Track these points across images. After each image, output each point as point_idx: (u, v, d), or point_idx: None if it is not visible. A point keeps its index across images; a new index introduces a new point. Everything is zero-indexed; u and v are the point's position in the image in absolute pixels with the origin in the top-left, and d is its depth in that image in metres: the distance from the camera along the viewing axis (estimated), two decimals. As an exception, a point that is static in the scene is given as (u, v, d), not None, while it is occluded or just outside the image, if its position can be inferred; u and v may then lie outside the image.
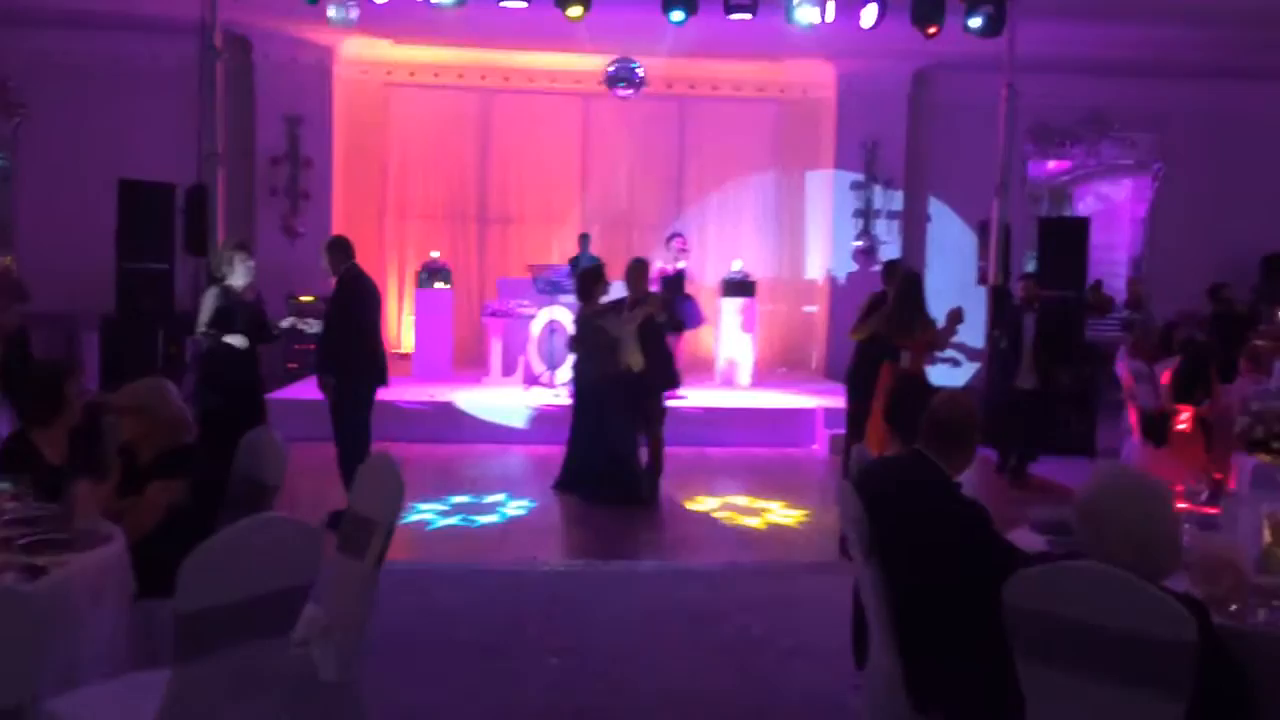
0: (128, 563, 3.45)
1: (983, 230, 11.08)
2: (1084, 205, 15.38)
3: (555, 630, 4.86)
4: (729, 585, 5.53)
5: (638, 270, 7.98)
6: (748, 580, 5.63)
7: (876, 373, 7.09)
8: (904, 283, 7.20)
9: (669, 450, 9.22)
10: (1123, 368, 8.64)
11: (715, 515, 7.29)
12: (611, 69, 10.61)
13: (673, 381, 8.02)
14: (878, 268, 13.36)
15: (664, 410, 7.93)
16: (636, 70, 10.50)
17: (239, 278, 6.78)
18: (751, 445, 9.87)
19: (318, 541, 2.78)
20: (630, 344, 7.47)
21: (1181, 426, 7.83)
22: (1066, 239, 9.90)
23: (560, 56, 13.27)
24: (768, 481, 8.48)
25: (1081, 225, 10.21)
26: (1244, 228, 14.06)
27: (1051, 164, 15.11)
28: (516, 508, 7.33)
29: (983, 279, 10.77)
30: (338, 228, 13.32)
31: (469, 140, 13.88)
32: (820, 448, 9.89)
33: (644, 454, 7.70)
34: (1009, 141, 10.86)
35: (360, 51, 13.35)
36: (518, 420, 9.96)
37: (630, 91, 10.61)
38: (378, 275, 13.73)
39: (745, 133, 14.13)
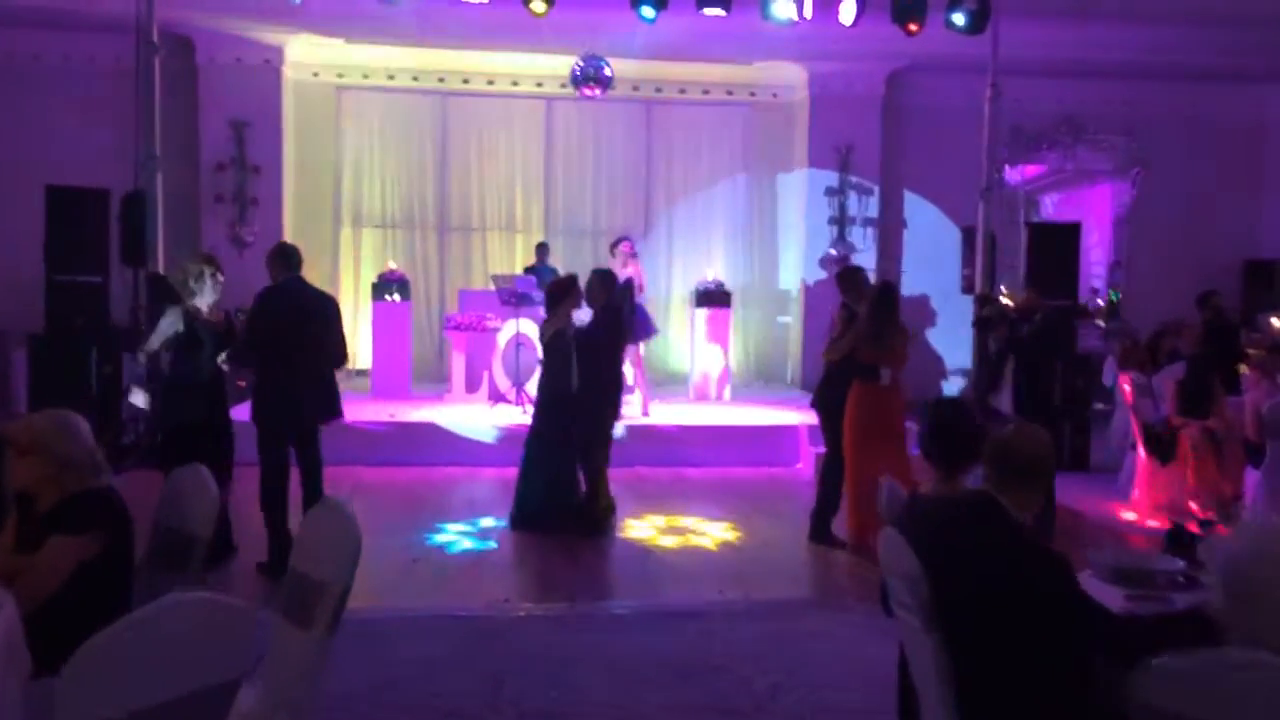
0: (20, 634, 2.81)
1: (967, 236, 10.64)
2: (1058, 211, 15.08)
3: (529, 688, 4.26)
4: (723, 628, 4.96)
5: (598, 282, 7.42)
6: (742, 621, 5.06)
7: (846, 393, 6.57)
8: (880, 292, 6.69)
9: (644, 472, 8.73)
10: (1124, 380, 8.21)
11: (697, 544, 6.72)
12: (578, 67, 10.06)
13: (602, 402, 7.14)
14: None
15: (598, 435, 7.15)
16: (605, 68, 9.94)
17: (207, 296, 6.10)
18: (732, 465, 9.32)
19: (249, 626, 2.18)
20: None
21: (1192, 439, 7.40)
22: (1057, 245, 9.47)
23: (522, 57, 12.70)
24: (752, 505, 7.93)
25: (1073, 231, 9.80)
26: (1224, 233, 13.81)
27: (1026, 169, 14.81)
28: (485, 540, 6.72)
29: (968, 287, 10.33)
30: (288, 237, 12.65)
31: (426, 145, 13.25)
32: (805, 467, 9.35)
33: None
34: (994, 143, 10.43)
35: (310, 52, 12.69)
36: (484, 439, 9.34)
37: (598, 91, 10.06)
38: (330, 287, 13.11)
39: (715, 137, 13.63)
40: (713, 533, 6.98)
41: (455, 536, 6.78)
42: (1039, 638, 2.44)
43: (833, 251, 13.24)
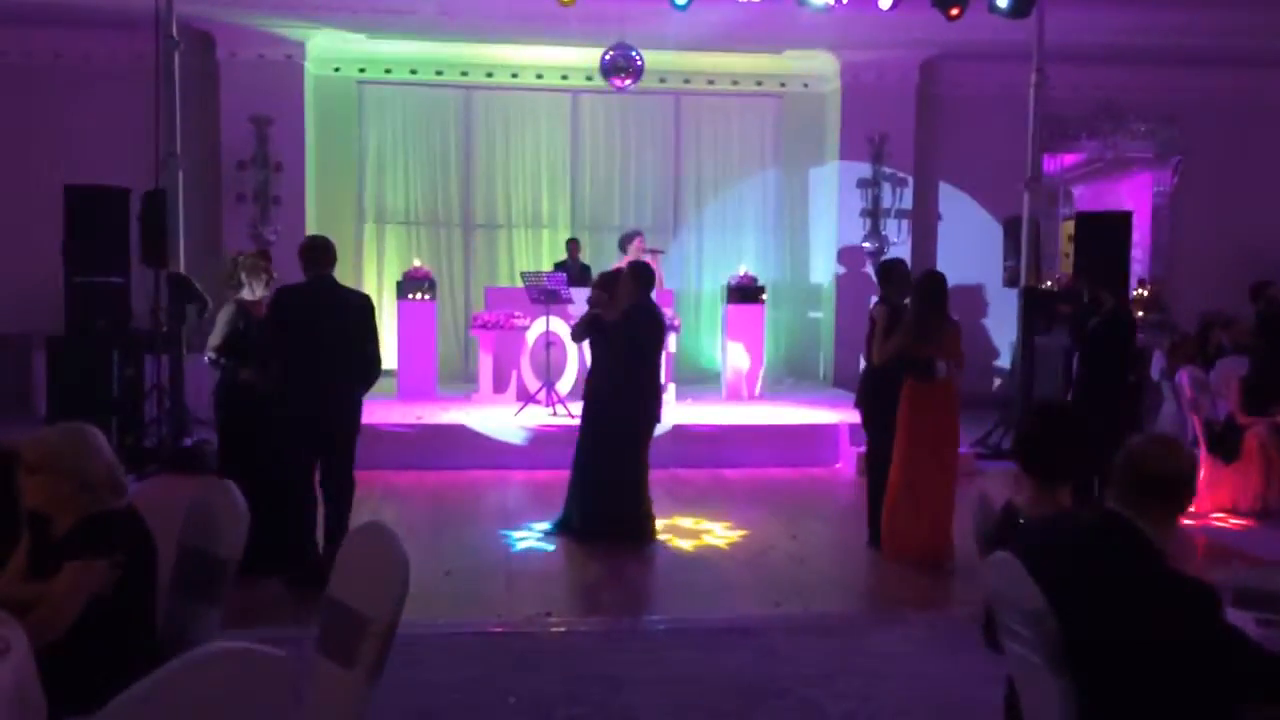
0: (34, 677, 2.55)
1: (1009, 228, 10.28)
2: (1096, 201, 14.68)
3: (582, 717, 3.98)
4: (785, 645, 4.65)
5: (631, 277, 7.05)
6: (804, 638, 4.75)
7: (898, 394, 6.23)
8: (926, 283, 6.32)
9: (681, 474, 8.43)
10: (1182, 376, 7.84)
11: (744, 551, 6.41)
12: (608, 56, 9.75)
13: (642, 404, 6.71)
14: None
15: (642, 438, 6.73)
16: (636, 58, 9.63)
17: (259, 292, 5.80)
18: (770, 466, 9.02)
19: (292, 680, 1.89)
20: None
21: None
22: (1107, 235, 9.10)
23: (547, 49, 12.41)
24: (796, 507, 7.63)
25: (1124, 220, 9.43)
26: (1268, 222, 13.38)
27: (1064, 158, 14.44)
28: (520, 547, 6.43)
29: (1012, 280, 9.97)
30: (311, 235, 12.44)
31: (450, 141, 12.98)
32: (845, 466, 9.05)
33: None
34: (1038, 131, 10.04)
35: (332, 47, 12.44)
36: (513, 441, 9.06)
37: (629, 81, 9.75)
38: (354, 286, 12.88)
39: (745, 129, 13.31)
40: (759, 538, 6.67)
41: (489, 544, 6.50)
42: (1185, 681, 2.14)
43: (866, 245, 12.90)
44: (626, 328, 6.63)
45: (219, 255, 12.16)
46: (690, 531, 6.88)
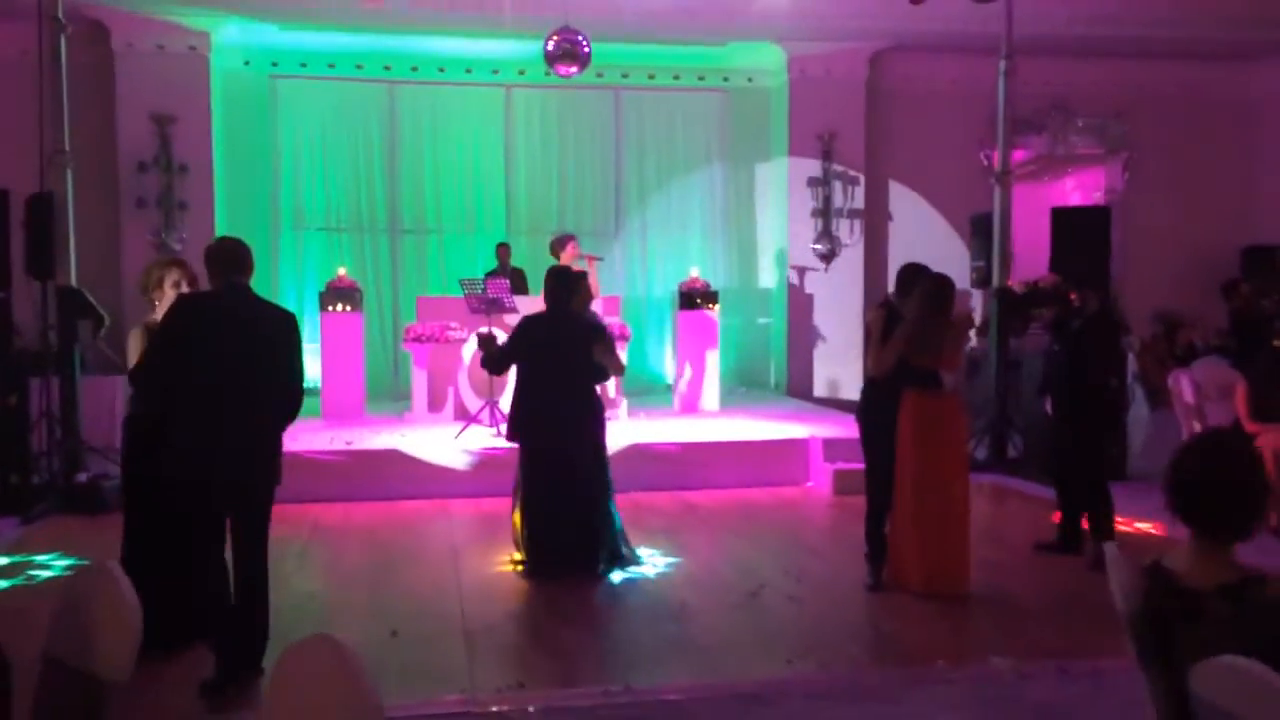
0: None
1: (978, 226, 9.74)
2: (1045, 199, 14.32)
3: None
4: (810, 716, 3.92)
5: (556, 283, 6.31)
6: (830, 706, 3.99)
7: (896, 407, 5.59)
8: (933, 287, 5.64)
9: (641, 498, 7.67)
10: (1184, 381, 7.32)
11: (734, 592, 5.66)
12: (552, 43, 8.94)
13: (600, 420, 6.18)
14: (830, 269, 12.12)
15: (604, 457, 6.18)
16: (583, 42, 8.84)
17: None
18: (738, 486, 8.31)
19: None
20: None
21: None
22: (1085, 232, 8.60)
23: (477, 41, 11.56)
24: (777, 536, 6.92)
25: (1103, 216, 8.93)
26: (1219, 218, 13.14)
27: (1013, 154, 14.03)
28: (479, 601, 5.58)
29: (982, 281, 9.41)
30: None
31: (374, 140, 12.05)
32: (818, 484, 8.38)
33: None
34: (1008, 123, 9.53)
35: (240, 38, 11.43)
36: (455, 466, 8.19)
37: (575, 69, 8.94)
38: (269, 297, 11.84)
39: (688, 125, 12.64)
40: (745, 575, 5.93)
41: (439, 594, 5.64)
42: None
43: (817, 246, 12.31)
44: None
45: (117, 266, 11.09)
46: (666, 568, 6.12)
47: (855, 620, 5.13)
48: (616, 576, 5.89)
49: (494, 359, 6.20)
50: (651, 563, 6.16)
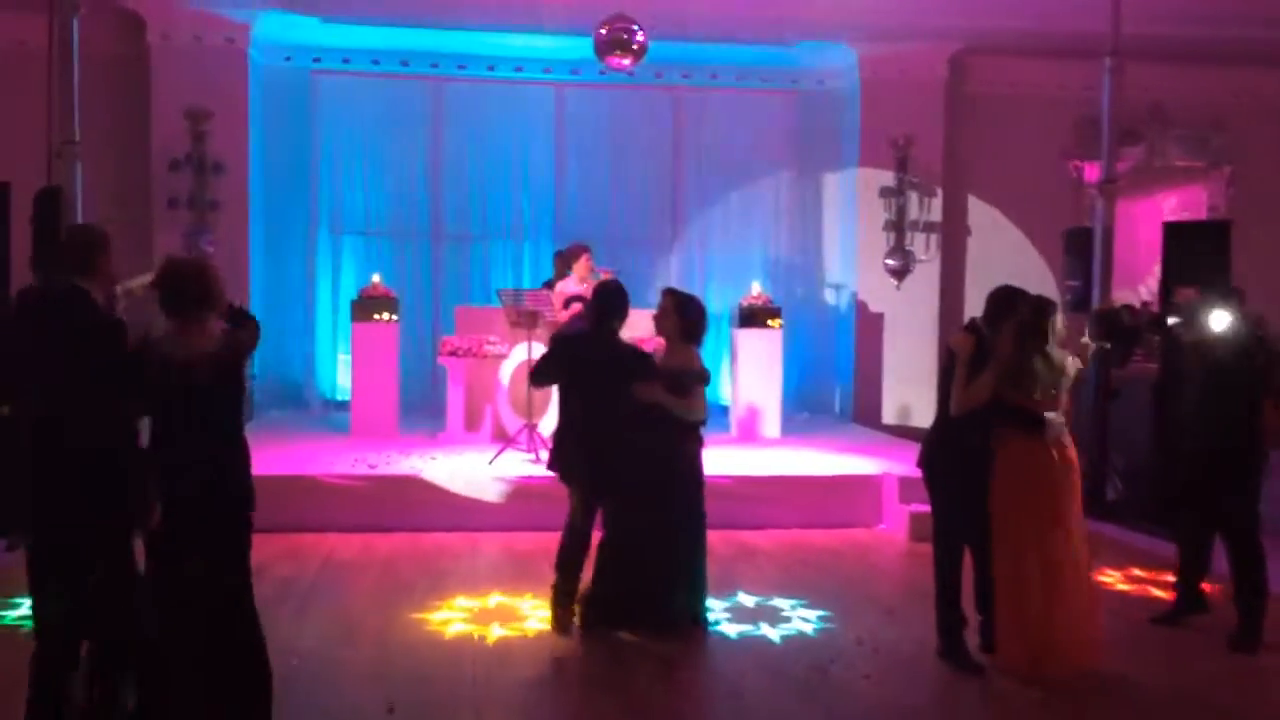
0: None
1: (1072, 241, 8.76)
2: (1139, 212, 13.24)
3: None
4: None
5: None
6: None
7: (981, 456, 4.67)
8: (1031, 318, 4.69)
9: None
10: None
11: (792, 658, 4.82)
12: (603, 32, 8.16)
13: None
14: (903, 287, 11.13)
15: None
16: (638, 31, 8.05)
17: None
18: (802, 526, 7.43)
19: None
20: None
21: None
22: (1199, 248, 7.61)
23: (528, 37, 10.87)
24: (846, 590, 6.05)
25: (1221, 231, 7.92)
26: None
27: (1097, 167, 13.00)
28: (496, 664, 4.79)
29: (1079, 303, 8.42)
30: (257, 246, 10.84)
31: (417, 141, 11.39)
32: (892, 526, 7.47)
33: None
34: (1113, 127, 8.56)
35: (281, 33, 10.86)
36: (485, 498, 7.42)
37: (629, 62, 8.15)
38: (303, 304, 11.31)
39: (753, 130, 11.80)
40: (815, 641, 5.07)
41: (451, 653, 4.85)
42: None
43: (889, 262, 11.39)
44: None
45: (150, 268, 10.53)
46: (729, 620, 5.30)
47: (955, 708, 4.23)
48: (672, 642, 5.05)
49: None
50: (710, 611, 5.34)
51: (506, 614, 5.40)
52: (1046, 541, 4.58)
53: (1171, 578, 5.59)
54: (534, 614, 5.33)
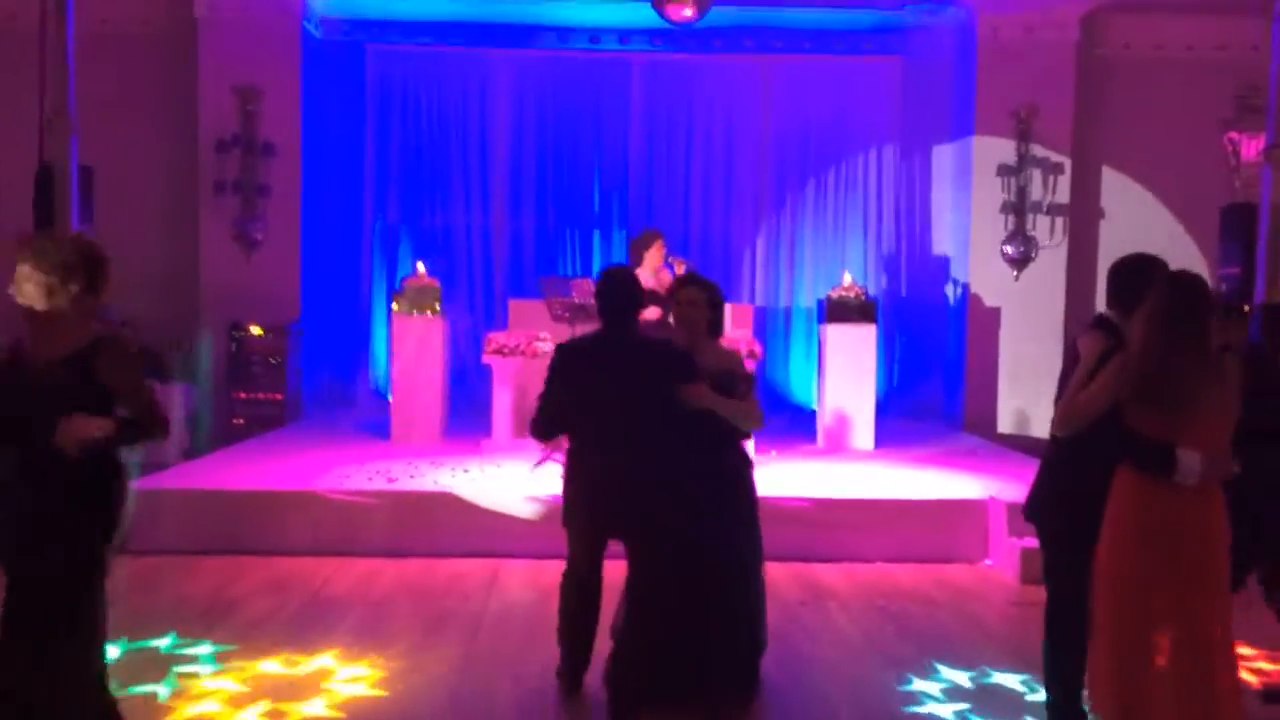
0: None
1: (1232, 219, 7.29)
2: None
3: None
4: None
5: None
6: None
7: (1101, 488, 3.33)
8: (1174, 294, 3.33)
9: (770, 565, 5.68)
10: None
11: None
12: (660, -23, 7.09)
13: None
14: (1023, 277, 9.67)
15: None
16: (701, -24, 6.96)
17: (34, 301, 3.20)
18: (889, 559, 6.22)
19: None
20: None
21: None
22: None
23: (598, 6, 9.85)
24: (944, 644, 4.83)
25: None
26: None
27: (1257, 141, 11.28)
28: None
29: (1241, 296, 6.95)
30: (309, 232, 10.11)
31: (477, 119, 10.51)
32: (1000, 564, 6.17)
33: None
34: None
35: (335, 6, 10.11)
36: (519, 515, 6.41)
37: (690, 13, 7.07)
38: (357, 294, 10.56)
39: (851, 102, 10.57)
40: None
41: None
42: None
43: (1007, 249, 9.99)
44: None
45: (195, 257, 9.94)
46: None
47: None
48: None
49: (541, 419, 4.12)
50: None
51: (515, 661, 4.38)
52: (1182, 616, 3.28)
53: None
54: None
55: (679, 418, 3.83)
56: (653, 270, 7.21)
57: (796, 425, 9.14)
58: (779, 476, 7.05)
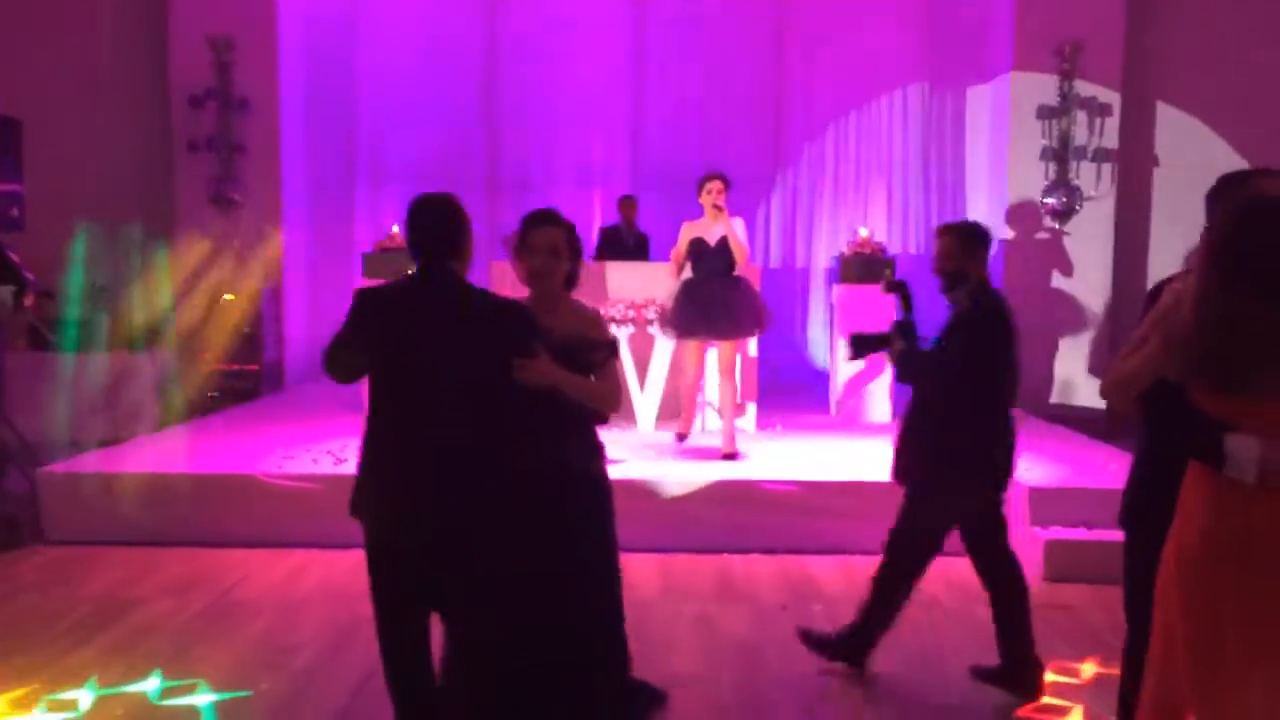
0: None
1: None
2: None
3: None
4: None
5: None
6: None
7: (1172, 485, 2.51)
8: (1245, 221, 2.30)
9: (736, 564, 4.98)
10: None
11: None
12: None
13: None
14: (1067, 230, 8.66)
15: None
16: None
17: None
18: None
19: None
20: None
21: None
22: None
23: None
24: (926, 661, 4.07)
25: None
26: None
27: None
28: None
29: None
30: (291, 193, 9.48)
31: (472, 70, 9.76)
32: (1020, 557, 5.34)
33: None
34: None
35: (316, -55, 9.40)
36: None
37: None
38: (346, 259, 9.92)
39: (874, 38, 9.61)
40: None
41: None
42: None
43: (1048, 200, 9.04)
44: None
45: (170, 221, 9.37)
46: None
47: None
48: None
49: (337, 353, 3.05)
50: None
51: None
52: (1252, 657, 2.47)
53: None
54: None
55: (508, 395, 2.84)
56: (711, 210, 6.25)
57: (812, 396, 8.34)
58: (776, 453, 6.30)
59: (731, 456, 6.16)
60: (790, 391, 8.49)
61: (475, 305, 2.87)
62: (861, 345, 4.07)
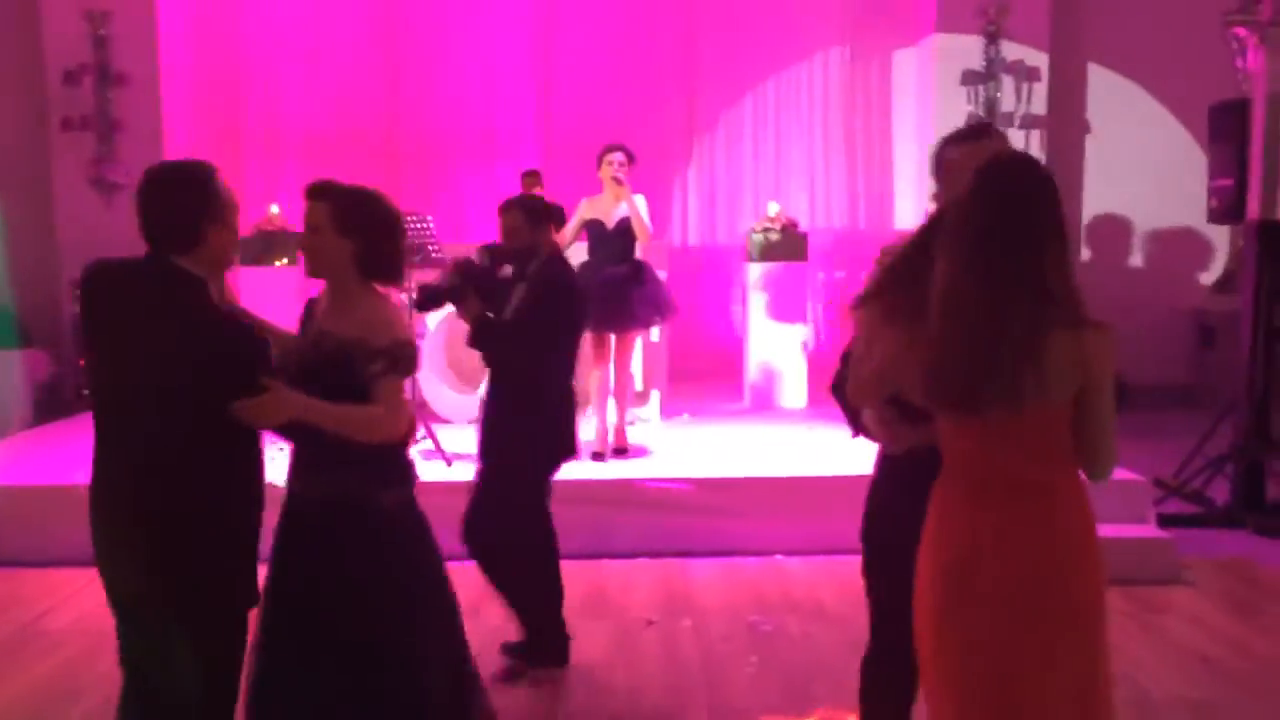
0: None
1: (1219, 120, 5.92)
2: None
3: None
4: None
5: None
6: None
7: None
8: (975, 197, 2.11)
9: (647, 569, 4.57)
10: None
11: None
12: None
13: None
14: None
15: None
16: None
17: None
18: (787, 551, 5.03)
19: None
20: None
21: None
22: None
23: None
24: (807, 667, 3.67)
25: None
26: None
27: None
28: None
29: (1231, 212, 5.61)
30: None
31: (370, 37, 9.21)
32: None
33: None
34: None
35: (196, -95, 8.78)
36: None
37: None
38: (240, 241, 9.38)
39: (793, 3, 9.13)
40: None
41: None
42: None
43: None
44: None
45: (49, 203, 8.78)
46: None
47: None
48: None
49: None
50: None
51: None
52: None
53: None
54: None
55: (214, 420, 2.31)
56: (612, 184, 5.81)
57: (731, 382, 7.92)
58: (697, 442, 5.90)
59: (621, 452, 5.72)
60: (706, 377, 8.06)
61: (178, 321, 2.37)
62: (429, 298, 3.69)
